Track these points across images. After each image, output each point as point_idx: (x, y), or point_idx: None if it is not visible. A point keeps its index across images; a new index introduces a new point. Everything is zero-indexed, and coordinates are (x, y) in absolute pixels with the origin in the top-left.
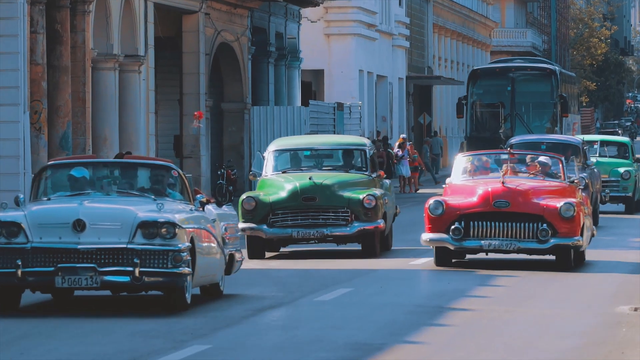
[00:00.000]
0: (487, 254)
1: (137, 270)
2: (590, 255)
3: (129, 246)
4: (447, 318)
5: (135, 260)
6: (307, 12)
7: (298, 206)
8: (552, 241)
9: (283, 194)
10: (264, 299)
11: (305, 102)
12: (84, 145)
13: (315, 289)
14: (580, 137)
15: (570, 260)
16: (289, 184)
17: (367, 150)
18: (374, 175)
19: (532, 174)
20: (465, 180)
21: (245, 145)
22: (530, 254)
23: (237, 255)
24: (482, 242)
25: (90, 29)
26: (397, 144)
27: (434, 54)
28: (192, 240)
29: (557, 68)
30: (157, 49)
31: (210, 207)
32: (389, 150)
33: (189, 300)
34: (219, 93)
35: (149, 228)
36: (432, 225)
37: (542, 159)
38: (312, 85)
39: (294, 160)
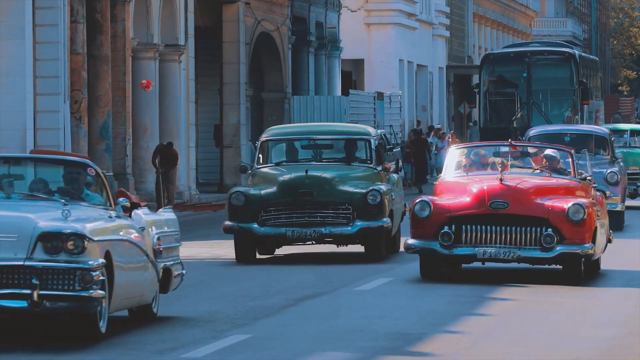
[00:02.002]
0: (483, 263)
1: (35, 294)
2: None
3: (27, 263)
4: (487, 308)
5: (34, 281)
6: (347, 1)
7: (293, 202)
8: (558, 249)
9: (276, 188)
10: (303, 288)
11: (345, 92)
12: (124, 134)
13: (355, 279)
14: (606, 127)
15: (579, 271)
16: (283, 177)
17: (371, 140)
18: (379, 168)
19: (537, 169)
20: (458, 176)
21: None
22: (532, 264)
23: (176, 269)
24: (476, 249)
25: (130, 18)
26: (433, 133)
27: (474, 43)
28: (108, 255)
29: (576, 52)
30: (197, 38)
31: (139, 213)
32: (429, 140)
33: (103, 329)
34: (259, 82)
35: (51, 241)
36: (418, 230)
37: (548, 152)
38: (352, 75)
39: (289, 151)
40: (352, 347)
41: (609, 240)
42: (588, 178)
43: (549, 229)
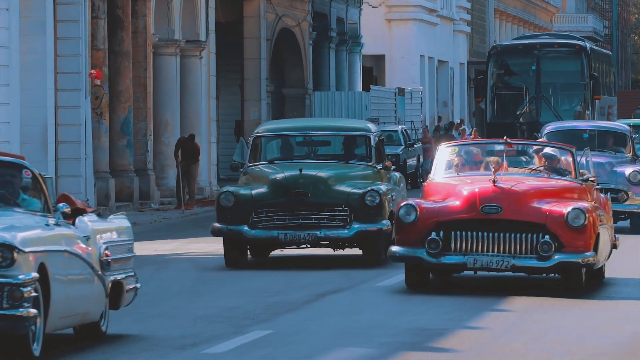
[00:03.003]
0: (475, 273)
1: None
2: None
3: None
4: (508, 304)
5: None
6: None
7: (286, 203)
8: (557, 257)
9: (268, 188)
10: (323, 284)
11: (366, 88)
12: (145, 130)
13: (377, 274)
14: (625, 123)
15: (580, 281)
16: (275, 176)
17: (371, 137)
18: (379, 166)
19: (534, 170)
20: (448, 177)
21: None
22: (528, 274)
23: (129, 283)
24: (467, 257)
25: (151, 14)
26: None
27: (495, 39)
28: (43, 268)
29: (587, 44)
30: (218, 34)
31: (85, 220)
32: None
33: (37, 352)
34: (280, 78)
35: None
36: (403, 236)
37: (548, 150)
38: (373, 71)
39: (284, 148)
40: (373, 342)
41: (614, 246)
42: (591, 179)
43: (546, 236)
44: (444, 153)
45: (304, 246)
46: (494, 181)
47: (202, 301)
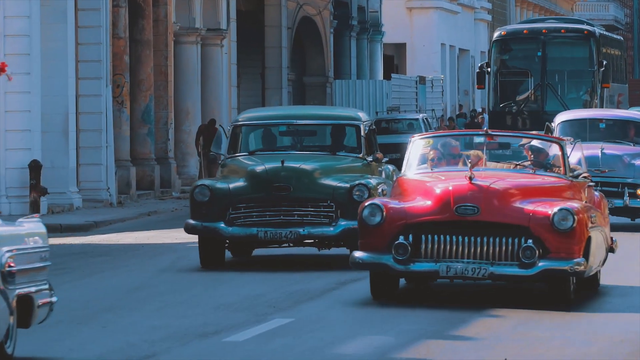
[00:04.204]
0: (451, 281)
1: None
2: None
3: None
4: (529, 291)
5: None
6: None
7: (267, 198)
8: (541, 264)
9: (247, 182)
10: (344, 272)
11: (387, 76)
12: (166, 118)
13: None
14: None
15: (568, 291)
16: (255, 168)
17: (361, 126)
18: (369, 158)
19: (518, 165)
20: (421, 173)
21: None
22: (509, 282)
23: (41, 296)
24: (439, 265)
25: (172, 2)
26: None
27: None
28: None
29: (596, 29)
30: (239, 22)
31: None
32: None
33: None
34: (301, 67)
35: None
36: (367, 240)
37: (534, 142)
38: (394, 59)
39: (266, 138)
40: (394, 330)
41: (611, 250)
42: (584, 175)
43: (530, 240)
44: (418, 145)
45: (286, 245)
46: (470, 178)
47: (224, 289)
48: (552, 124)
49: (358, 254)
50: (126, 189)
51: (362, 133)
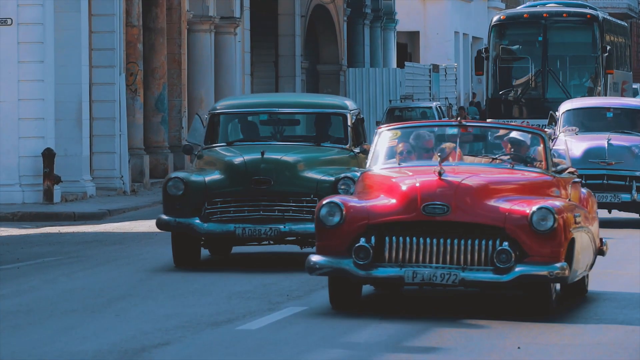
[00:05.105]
0: (421, 287)
1: None
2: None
3: None
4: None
5: None
6: None
7: (245, 192)
8: (518, 269)
9: (224, 174)
10: None
11: (400, 64)
12: (180, 107)
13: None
14: None
15: (548, 299)
16: (232, 160)
17: (347, 115)
18: (356, 150)
19: (495, 159)
20: (388, 168)
21: None
22: (482, 289)
23: None
24: (404, 270)
25: None
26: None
27: None
28: None
29: (600, 13)
30: (252, 10)
31: None
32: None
33: None
34: (315, 55)
35: None
36: (326, 242)
37: (514, 134)
38: (408, 47)
39: (245, 127)
40: (409, 318)
41: (600, 253)
42: (569, 170)
43: (505, 242)
44: (385, 137)
45: (266, 243)
46: (439, 173)
47: (237, 277)
48: (556, 113)
49: (315, 257)
50: (139, 177)
51: (349, 123)
